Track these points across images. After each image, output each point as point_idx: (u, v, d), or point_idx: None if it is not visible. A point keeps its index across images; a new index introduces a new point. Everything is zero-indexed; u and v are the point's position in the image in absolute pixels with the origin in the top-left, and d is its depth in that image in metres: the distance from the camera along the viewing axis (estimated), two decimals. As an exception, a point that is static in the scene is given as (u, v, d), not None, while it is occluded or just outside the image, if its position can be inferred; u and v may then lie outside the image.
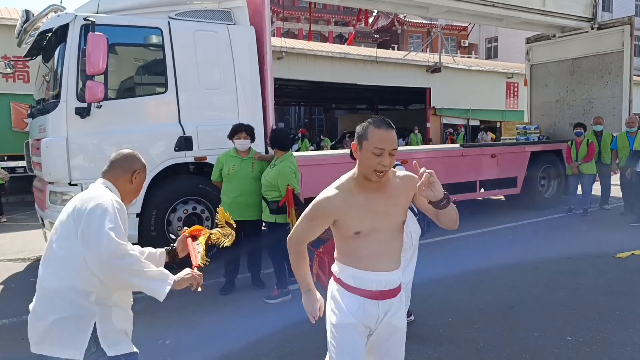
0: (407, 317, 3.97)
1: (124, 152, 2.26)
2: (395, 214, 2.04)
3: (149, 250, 2.38)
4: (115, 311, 2.06)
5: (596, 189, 9.10)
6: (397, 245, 2.09)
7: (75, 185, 4.97)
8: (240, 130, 4.83)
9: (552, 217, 8.48)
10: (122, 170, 2.19)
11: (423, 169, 1.89)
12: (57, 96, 5.04)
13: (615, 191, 9.08)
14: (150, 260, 2.22)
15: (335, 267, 2.16)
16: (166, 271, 2.11)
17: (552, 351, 3.45)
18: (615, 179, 8.97)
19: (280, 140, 4.73)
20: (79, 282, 1.96)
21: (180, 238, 2.48)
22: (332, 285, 2.18)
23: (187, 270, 2.24)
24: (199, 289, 2.28)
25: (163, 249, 2.44)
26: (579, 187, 8.68)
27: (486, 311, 4.24)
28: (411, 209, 3.74)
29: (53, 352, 1.93)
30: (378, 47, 27.66)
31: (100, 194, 2.06)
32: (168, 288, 2.06)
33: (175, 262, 2.46)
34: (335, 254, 2.17)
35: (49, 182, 5.17)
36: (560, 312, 4.16)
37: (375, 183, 1.98)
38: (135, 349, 2.13)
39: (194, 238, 2.49)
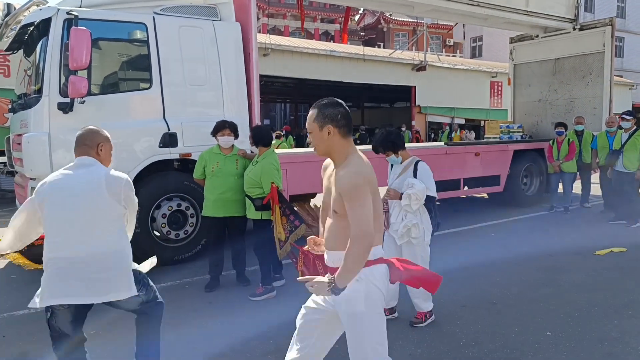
0: (392, 313, 4.02)
1: (85, 129, 2.70)
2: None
3: None
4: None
5: (577, 187, 9.27)
6: None
7: (58, 181, 4.90)
8: (224, 127, 4.81)
9: (534, 215, 8.62)
10: (87, 147, 2.62)
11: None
12: (39, 91, 4.97)
13: (595, 190, 9.25)
14: None
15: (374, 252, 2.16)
16: None
17: (533, 346, 3.51)
18: (595, 177, 9.14)
19: (262, 137, 4.72)
20: (124, 242, 2.61)
21: None
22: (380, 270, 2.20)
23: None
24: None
25: None
26: (560, 186, 8.83)
27: (469, 307, 4.30)
28: (426, 206, 3.80)
29: (120, 297, 2.57)
30: (364, 45, 27.71)
31: (118, 172, 2.62)
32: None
33: None
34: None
35: (31, 178, 5.10)
36: (541, 308, 4.23)
37: None
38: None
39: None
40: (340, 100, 2.24)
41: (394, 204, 3.90)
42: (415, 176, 3.81)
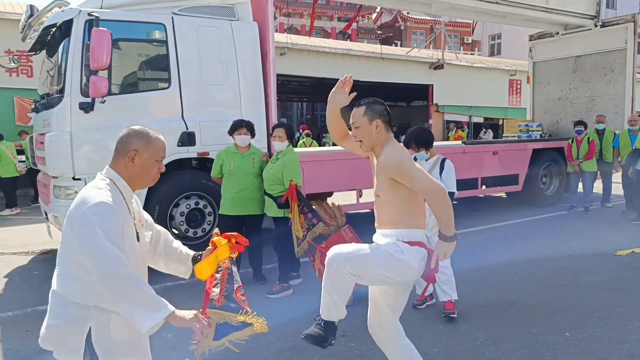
0: (431, 300, 4.30)
1: (123, 132, 1.96)
2: None
3: (176, 243, 2.21)
4: (115, 318, 1.83)
5: (598, 186, 9.11)
6: None
7: (79, 179, 5.01)
8: (241, 126, 4.85)
9: (554, 215, 8.50)
10: (118, 154, 1.93)
11: None
12: (61, 91, 5.07)
13: (617, 189, 9.08)
14: (170, 253, 2.14)
15: (409, 233, 2.41)
16: (163, 301, 1.81)
17: (551, 347, 3.48)
18: (616, 177, 8.97)
19: (293, 134, 4.84)
20: (76, 289, 1.82)
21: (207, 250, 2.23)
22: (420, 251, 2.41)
23: (193, 312, 1.91)
24: (202, 348, 1.97)
25: (191, 253, 2.22)
26: (580, 185, 8.69)
27: (486, 307, 4.27)
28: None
29: (55, 354, 1.87)
30: (381, 43, 27.60)
31: (89, 194, 1.80)
32: (155, 321, 1.75)
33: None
34: (407, 220, 2.42)
35: (53, 177, 5.21)
36: (560, 309, 4.18)
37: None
38: None
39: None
40: (380, 100, 2.55)
41: None
42: (441, 173, 4.01)
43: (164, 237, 2.21)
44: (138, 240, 1.95)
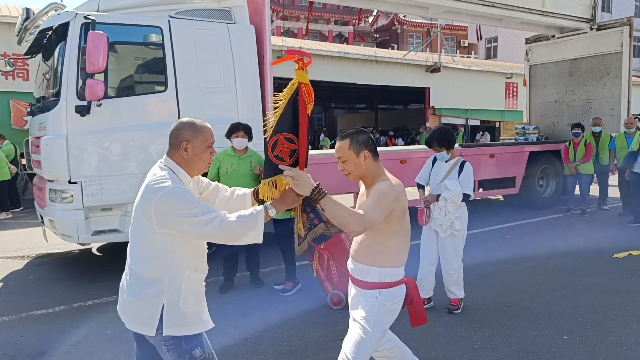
0: (429, 302, 4.33)
1: (173, 125, 2.16)
2: None
3: (229, 191, 2.48)
4: (184, 293, 2.07)
5: (594, 189, 9.13)
6: None
7: (75, 183, 4.98)
8: (238, 129, 4.85)
9: (550, 217, 8.51)
10: (172, 147, 2.13)
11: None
12: (57, 94, 5.05)
13: (613, 192, 9.11)
14: (231, 206, 2.36)
15: (392, 272, 2.38)
16: (260, 211, 2.10)
17: (549, 350, 3.47)
18: (613, 179, 9.00)
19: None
20: (151, 269, 2.03)
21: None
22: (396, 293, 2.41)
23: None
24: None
25: (248, 191, 2.46)
26: (577, 188, 8.70)
27: (484, 310, 4.26)
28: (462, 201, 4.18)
29: (131, 327, 2.10)
30: (378, 47, 27.66)
31: (159, 183, 2.00)
32: (263, 215, 2.09)
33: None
34: (391, 260, 2.37)
35: (49, 180, 5.18)
36: (558, 312, 4.18)
37: None
38: (197, 330, 2.15)
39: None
40: (362, 128, 2.51)
41: None
42: (459, 174, 4.13)
43: (221, 195, 2.47)
44: None
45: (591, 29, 9.54)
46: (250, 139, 4.96)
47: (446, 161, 4.28)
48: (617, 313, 4.12)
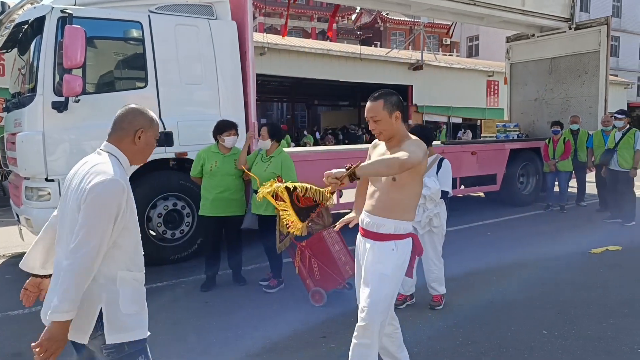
0: (411, 299, 4.36)
1: (125, 109, 2.03)
2: None
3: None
4: (123, 293, 1.90)
5: (573, 186, 9.29)
6: None
7: (52, 180, 4.88)
8: (230, 127, 4.80)
9: (530, 214, 8.63)
10: (123, 132, 1.99)
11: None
12: (33, 90, 4.94)
13: (591, 188, 9.28)
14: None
15: (406, 225, 2.62)
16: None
17: (528, 345, 3.52)
18: (590, 176, 9.16)
19: (278, 132, 4.86)
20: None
21: None
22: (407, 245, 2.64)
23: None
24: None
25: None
26: (556, 184, 8.84)
27: (465, 306, 4.30)
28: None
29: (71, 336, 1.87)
30: (361, 44, 27.69)
31: (103, 170, 1.85)
32: (64, 318, 1.74)
33: None
34: (406, 214, 2.60)
35: (25, 178, 5.07)
36: (537, 307, 4.24)
37: None
38: (142, 336, 1.97)
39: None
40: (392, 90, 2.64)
41: None
42: (437, 172, 4.14)
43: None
44: None
45: (570, 28, 9.68)
46: (238, 136, 4.93)
47: None
48: (595, 308, 4.20)
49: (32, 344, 1.75)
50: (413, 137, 2.59)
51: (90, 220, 1.78)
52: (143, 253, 2.07)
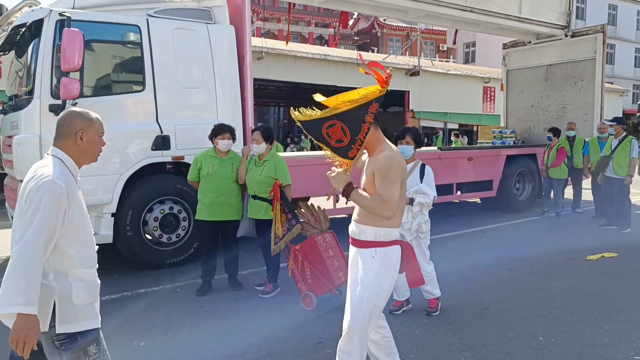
0: (407, 305, 4.35)
1: (64, 113, 2.15)
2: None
3: None
4: (76, 287, 2.00)
5: (569, 192, 9.32)
6: None
7: (49, 183, 4.86)
8: (224, 130, 4.80)
9: (526, 220, 8.65)
10: (65, 135, 2.09)
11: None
12: (31, 92, 4.93)
13: (587, 195, 9.31)
14: None
15: (386, 232, 2.61)
16: (35, 299, 1.82)
17: (525, 351, 3.52)
18: (586, 183, 9.20)
19: (271, 135, 4.88)
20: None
21: None
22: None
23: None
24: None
25: None
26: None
27: (461, 312, 4.30)
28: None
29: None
30: (358, 50, 27.79)
31: (41, 172, 1.95)
32: (10, 310, 1.79)
33: None
34: (387, 221, 2.57)
35: (21, 181, 5.04)
36: (533, 313, 4.24)
37: None
38: (93, 326, 2.04)
39: None
40: None
41: None
42: (421, 178, 4.12)
43: None
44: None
45: (566, 36, 9.75)
46: (234, 141, 4.93)
47: (406, 159, 4.22)
48: (591, 314, 4.20)
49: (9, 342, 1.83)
50: (385, 148, 2.58)
51: (33, 219, 1.86)
52: (96, 249, 2.16)
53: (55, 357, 1.99)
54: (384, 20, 33.93)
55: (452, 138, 18.08)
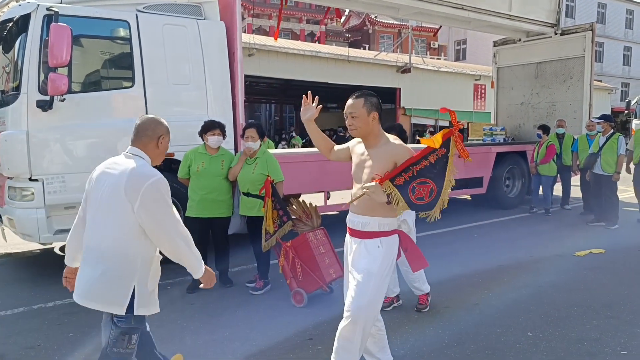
0: (398, 301, 4.34)
1: (147, 118, 2.41)
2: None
3: None
4: (152, 274, 2.30)
5: (558, 189, 9.40)
6: None
7: (36, 180, 4.81)
8: (214, 127, 4.77)
9: (516, 217, 8.72)
10: (148, 138, 2.36)
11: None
12: (18, 88, 4.86)
13: (576, 192, 9.40)
14: None
15: (389, 222, 2.74)
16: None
17: (513, 347, 3.55)
18: (575, 180, 9.28)
19: (264, 131, 4.88)
20: (130, 247, 2.20)
21: None
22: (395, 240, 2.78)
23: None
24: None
25: None
26: (541, 188, 8.94)
27: (451, 308, 4.32)
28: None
29: (99, 307, 2.22)
30: (349, 46, 27.78)
31: (145, 170, 2.25)
32: (202, 270, 2.39)
33: None
34: (387, 210, 2.69)
35: (8, 177, 4.99)
36: (522, 309, 4.28)
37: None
38: (154, 311, 2.36)
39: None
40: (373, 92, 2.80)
41: None
42: None
43: None
44: None
45: (555, 34, 9.81)
46: (224, 137, 4.90)
47: None
48: (579, 310, 4.25)
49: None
50: (391, 137, 2.75)
51: (163, 213, 2.22)
52: None
53: (107, 330, 2.23)
54: (376, 17, 33.93)
55: None
